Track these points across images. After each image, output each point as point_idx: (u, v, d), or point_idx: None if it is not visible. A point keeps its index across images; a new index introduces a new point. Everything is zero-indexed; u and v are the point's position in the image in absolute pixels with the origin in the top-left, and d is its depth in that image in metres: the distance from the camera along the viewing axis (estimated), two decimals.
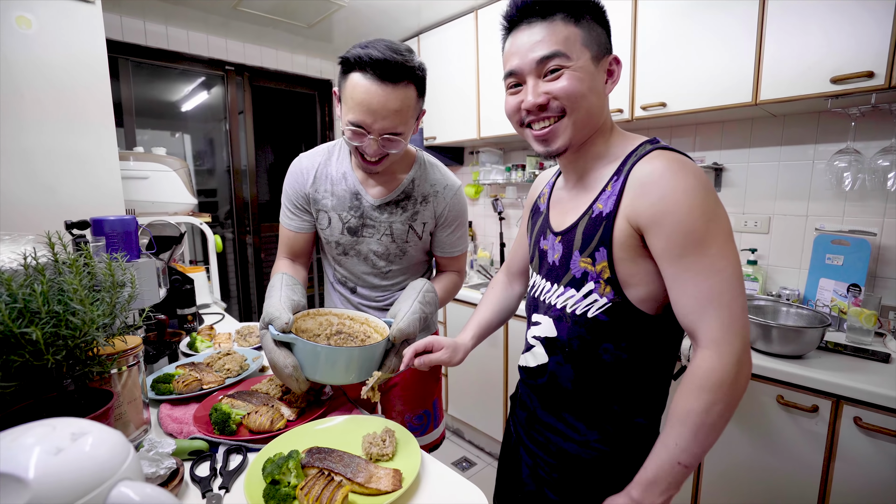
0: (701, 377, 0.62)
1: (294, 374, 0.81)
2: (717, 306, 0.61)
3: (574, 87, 0.67)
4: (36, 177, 1.20)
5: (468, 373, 2.31)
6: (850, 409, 1.13)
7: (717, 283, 0.61)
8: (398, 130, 0.92)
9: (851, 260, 1.50)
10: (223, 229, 3.27)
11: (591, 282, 0.71)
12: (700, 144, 1.90)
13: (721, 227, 0.62)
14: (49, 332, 0.56)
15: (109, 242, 1.07)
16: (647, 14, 1.65)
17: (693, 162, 0.66)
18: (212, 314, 1.68)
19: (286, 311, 0.85)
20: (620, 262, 0.68)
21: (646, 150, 0.68)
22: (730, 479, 1.34)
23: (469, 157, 2.91)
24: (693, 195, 0.61)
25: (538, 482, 0.82)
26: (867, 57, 1.23)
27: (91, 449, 0.38)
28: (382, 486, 0.65)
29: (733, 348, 0.61)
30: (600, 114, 0.72)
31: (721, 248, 0.62)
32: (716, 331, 0.61)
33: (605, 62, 0.70)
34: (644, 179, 0.65)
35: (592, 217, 0.71)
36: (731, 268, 0.62)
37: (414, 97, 0.92)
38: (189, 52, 2.67)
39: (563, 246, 0.75)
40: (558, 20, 0.67)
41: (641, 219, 0.64)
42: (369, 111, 0.88)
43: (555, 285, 0.77)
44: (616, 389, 0.74)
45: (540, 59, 0.68)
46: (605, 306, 0.70)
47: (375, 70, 0.86)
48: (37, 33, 1.15)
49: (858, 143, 1.49)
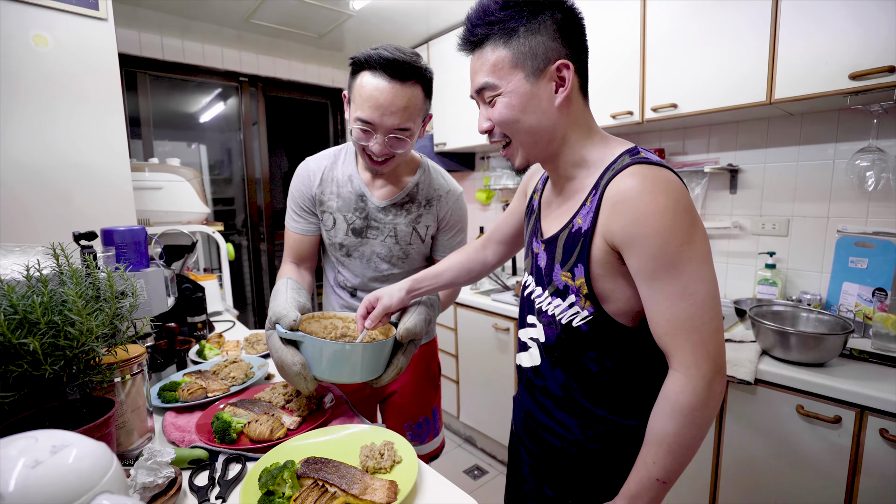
0: (672, 400, 0.63)
1: (302, 371, 0.81)
2: (689, 330, 0.61)
3: (504, 116, 0.68)
4: (49, 189, 1.24)
5: (479, 380, 2.29)
6: (876, 420, 1.08)
7: (689, 306, 0.61)
8: (405, 126, 0.94)
9: (876, 263, 1.44)
10: (239, 237, 3.33)
11: (572, 294, 0.71)
12: (714, 146, 1.85)
13: (696, 248, 0.61)
14: (47, 342, 0.57)
15: (119, 252, 1.09)
16: (655, 13, 1.62)
17: (673, 176, 0.63)
18: (223, 321, 1.70)
19: (293, 310, 0.86)
20: (598, 279, 0.68)
21: (624, 162, 0.65)
22: (748, 492, 1.29)
23: (480, 163, 2.91)
24: (665, 217, 0.60)
25: (538, 480, 0.83)
26: (887, 51, 1.18)
27: (72, 461, 0.38)
28: (377, 499, 0.64)
29: (702, 372, 0.62)
30: (551, 130, 0.69)
31: (695, 270, 0.61)
32: (687, 354, 0.62)
33: (548, 73, 0.66)
34: (617, 199, 0.63)
35: (572, 231, 0.70)
36: (703, 291, 0.61)
37: (421, 97, 0.95)
38: (205, 64, 2.74)
39: (546, 255, 0.76)
40: (486, 48, 0.67)
41: (616, 238, 0.64)
42: (377, 107, 0.90)
43: (544, 292, 0.77)
44: (603, 395, 0.74)
45: (476, 91, 0.71)
46: (587, 318, 0.70)
47: (385, 68, 0.89)
48: (52, 50, 1.20)
49: (882, 142, 1.43)
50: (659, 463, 0.64)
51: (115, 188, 1.33)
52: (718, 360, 0.62)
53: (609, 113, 1.79)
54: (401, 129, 0.94)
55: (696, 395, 0.62)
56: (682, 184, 0.63)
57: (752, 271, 1.79)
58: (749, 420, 1.27)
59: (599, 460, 0.76)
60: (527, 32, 0.65)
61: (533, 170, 0.93)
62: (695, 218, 0.62)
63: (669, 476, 0.65)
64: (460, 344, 2.37)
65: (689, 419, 0.62)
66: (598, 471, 0.76)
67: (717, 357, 0.62)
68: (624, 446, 0.74)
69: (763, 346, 1.31)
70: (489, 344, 2.17)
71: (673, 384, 0.64)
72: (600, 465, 0.76)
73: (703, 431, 0.64)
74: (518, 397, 0.92)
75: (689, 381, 0.62)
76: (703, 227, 0.63)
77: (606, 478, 0.75)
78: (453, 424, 2.59)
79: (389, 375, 0.89)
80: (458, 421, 2.49)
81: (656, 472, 0.65)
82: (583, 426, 0.76)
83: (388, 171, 1.03)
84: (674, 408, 0.63)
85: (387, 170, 1.01)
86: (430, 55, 2.64)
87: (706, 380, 0.61)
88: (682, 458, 0.64)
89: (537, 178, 0.89)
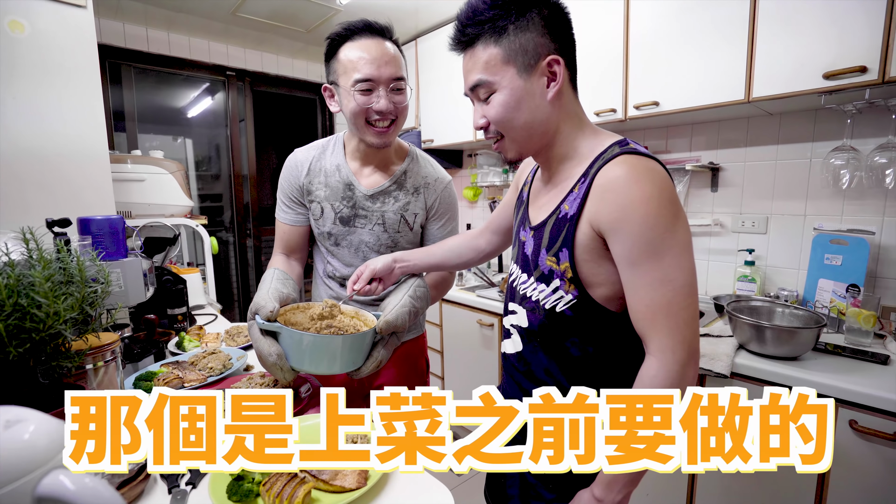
0: (646, 384, 0.65)
1: (278, 362, 0.81)
2: (666, 315, 0.63)
3: (499, 112, 0.70)
4: (25, 178, 1.22)
5: (464, 375, 2.29)
6: (846, 412, 1.10)
7: (668, 292, 0.63)
8: (400, 76, 0.99)
9: (850, 260, 1.47)
10: (227, 234, 3.30)
11: (556, 279, 0.72)
12: (696, 144, 1.88)
13: (677, 237, 0.63)
14: (12, 324, 0.57)
15: (96, 241, 1.08)
16: (638, 13, 1.64)
17: (660, 166, 0.66)
18: (205, 315, 1.69)
19: (272, 301, 0.86)
20: (583, 263, 0.69)
21: (613, 152, 0.67)
22: (725, 482, 1.31)
23: (467, 160, 2.92)
24: (650, 205, 0.62)
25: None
26: (860, 51, 1.20)
27: (27, 437, 0.38)
28: (347, 484, 0.64)
29: (677, 357, 0.63)
30: (545, 123, 0.72)
31: (676, 258, 0.63)
32: (663, 339, 0.64)
33: (539, 68, 0.68)
34: (606, 186, 0.65)
35: (559, 217, 0.72)
36: (682, 279, 0.63)
37: (401, 56, 1.01)
38: (191, 57, 2.72)
39: (534, 241, 0.77)
40: (478, 47, 0.69)
41: (602, 224, 0.65)
42: (372, 61, 0.95)
43: (530, 278, 0.78)
44: (584, 379, 0.74)
45: (470, 89, 0.73)
46: (571, 303, 0.72)
47: (365, 30, 0.97)
48: (29, 37, 1.18)
49: (855, 141, 1.46)
50: None
51: (94, 179, 1.31)
52: (692, 345, 0.64)
53: (593, 111, 1.80)
54: (398, 79, 0.98)
55: (670, 379, 0.63)
56: (667, 175, 0.66)
57: (732, 268, 1.82)
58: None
59: None
60: (516, 30, 0.67)
61: (524, 163, 0.94)
62: (678, 208, 0.64)
63: None
64: (445, 340, 2.37)
65: None
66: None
67: (691, 343, 0.64)
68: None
69: (739, 340, 1.33)
70: (474, 339, 2.17)
71: (648, 368, 0.65)
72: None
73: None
74: (503, 385, 0.92)
75: (664, 365, 0.64)
76: (685, 218, 0.65)
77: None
78: None
79: (369, 367, 0.89)
80: None
81: None
82: None
83: (392, 141, 1.05)
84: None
85: (391, 138, 1.03)
86: (419, 52, 2.65)
87: (680, 364, 0.63)
88: None
89: (528, 171, 0.91)
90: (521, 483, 0.83)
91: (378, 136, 1.01)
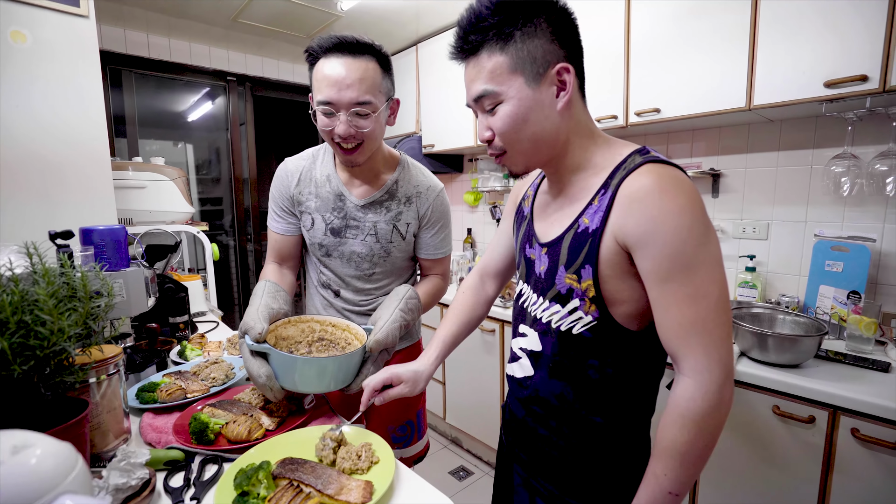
0: (683, 408, 0.61)
1: (268, 383, 0.82)
2: (700, 333, 0.60)
3: (506, 124, 0.66)
4: (26, 187, 1.22)
5: (466, 382, 2.29)
6: (847, 420, 1.10)
7: (702, 309, 0.59)
8: (364, 100, 0.93)
9: (851, 266, 1.47)
10: (227, 237, 3.31)
11: (576, 298, 0.68)
12: (697, 150, 1.88)
13: (710, 251, 0.60)
14: (16, 342, 0.57)
15: (98, 252, 1.08)
16: (640, 21, 1.65)
17: (685, 176, 0.63)
18: (207, 322, 1.69)
19: (261, 321, 0.86)
20: (607, 280, 0.65)
21: (636, 162, 0.64)
22: (726, 491, 1.31)
23: (468, 165, 2.92)
24: (683, 217, 0.58)
25: (531, 492, 0.81)
26: (860, 60, 1.21)
27: (34, 462, 0.38)
28: (352, 499, 0.64)
29: (714, 377, 0.60)
30: (554, 134, 0.68)
31: (709, 272, 0.60)
32: (698, 359, 0.60)
33: (548, 77, 0.65)
34: (633, 196, 0.61)
35: (578, 232, 0.67)
36: (717, 293, 0.60)
37: (377, 70, 0.95)
38: (191, 63, 2.72)
39: (548, 259, 0.73)
40: (482, 55, 0.65)
41: (629, 238, 0.62)
42: (334, 84, 0.92)
43: (541, 298, 0.74)
44: (600, 403, 0.72)
45: (474, 99, 0.68)
46: (590, 324, 0.68)
47: (336, 49, 0.93)
48: (31, 47, 1.18)
49: (856, 148, 1.46)
50: (671, 475, 0.62)
51: (96, 187, 1.31)
52: (728, 365, 0.60)
53: (594, 117, 1.80)
54: (361, 104, 0.93)
55: (707, 401, 0.59)
56: (694, 185, 0.62)
57: (733, 274, 1.82)
58: (728, 420, 1.29)
59: (595, 470, 0.74)
60: (523, 36, 0.63)
61: (520, 184, 0.90)
62: (709, 220, 0.61)
63: (682, 488, 0.63)
64: None
65: (701, 428, 0.60)
66: (594, 481, 0.74)
67: (727, 362, 0.60)
68: (620, 454, 0.73)
69: (741, 347, 1.34)
70: (475, 346, 2.17)
71: (683, 391, 0.61)
72: (596, 475, 0.74)
73: (715, 439, 0.62)
74: (509, 407, 0.89)
75: (700, 387, 0.60)
76: (714, 230, 0.62)
77: (602, 489, 0.74)
78: (440, 426, 2.59)
79: (358, 384, 0.89)
80: (444, 422, 2.49)
81: (668, 485, 0.62)
82: (579, 435, 0.73)
83: (362, 161, 1.00)
84: (685, 416, 0.61)
85: (361, 158, 0.99)
86: (420, 57, 2.65)
87: (717, 385, 0.59)
88: (695, 469, 0.62)
89: (527, 185, 0.87)
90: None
91: (345, 157, 0.99)
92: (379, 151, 1.06)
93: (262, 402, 0.93)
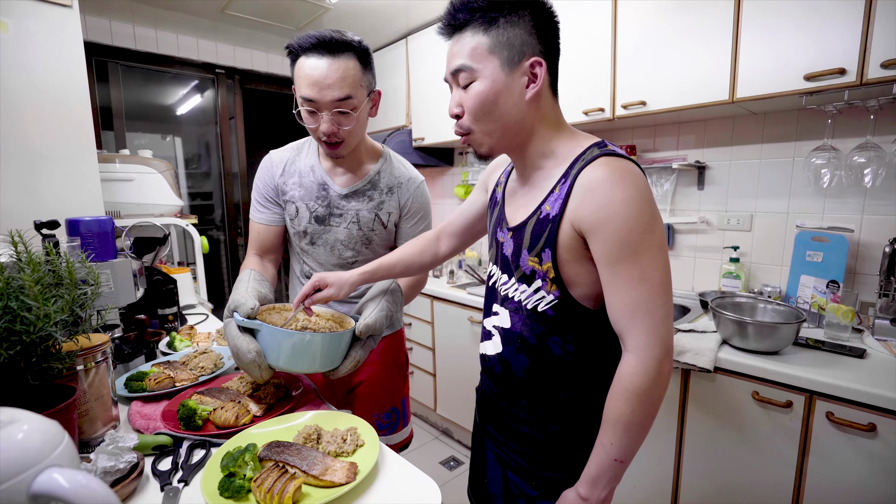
0: (627, 381, 0.67)
1: (257, 359, 0.81)
2: (643, 313, 0.65)
3: (476, 103, 0.70)
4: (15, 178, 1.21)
5: (456, 373, 2.31)
6: (823, 405, 1.14)
7: (645, 291, 0.65)
8: (345, 96, 0.95)
9: (830, 256, 1.51)
10: (218, 232, 3.29)
11: (538, 279, 0.74)
12: (683, 143, 1.91)
13: (655, 238, 0.65)
14: (2, 327, 0.57)
15: (85, 242, 1.08)
16: (626, 15, 1.66)
17: (638, 168, 0.68)
18: (196, 314, 1.69)
19: (252, 298, 0.87)
20: (565, 264, 0.70)
21: (593, 154, 0.69)
22: (707, 474, 1.35)
23: (458, 158, 2.93)
24: (632, 206, 0.64)
25: (503, 465, 0.86)
26: (839, 54, 1.23)
27: (20, 437, 0.39)
28: (337, 479, 0.65)
29: (653, 353, 0.65)
30: (520, 122, 0.72)
31: (653, 258, 0.65)
32: (641, 337, 0.66)
33: (522, 67, 0.69)
34: (588, 186, 0.66)
35: (540, 218, 0.72)
36: (659, 277, 0.65)
37: (357, 67, 0.97)
38: (179, 55, 2.70)
39: (514, 242, 0.78)
40: (467, 33, 0.70)
41: (584, 224, 0.67)
42: (315, 83, 0.93)
43: (511, 279, 0.79)
44: (564, 378, 0.77)
45: (451, 73, 0.73)
46: (552, 302, 0.73)
47: (316, 48, 0.93)
48: (13, 37, 1.17)
49: (835, 141, 1.49)
50: (616, 444, 0.68)
51: (83, 179, 1.31)
52: (668, 342, 0.66)
53: (582, 110, 1.82)
54: (342, 101, 0.95)
55: (647, 375, 0.65)
56: (644, 176, 0.67)
57: (717, 265, 1.86)
58: (709, 406, 1.33)
59: (561, 442, 0.79)
60: (506, 23, 0.68)
61: (494, 164, 0.95)
62: (655, 209, 0.66)
63: (626, 455, 0.69)
64: (437, 337, 2.39)
65: (643, 399, 0.66)
66: (560, 453, 0.79)
67: (666, 339, 0.66)
68: (584, 428, 0.78)
69: (723, 335, 1.37)
70: (465, 337, 2.19)
71: (626, 366, 0.67)
72: (562, 447, 0.79)
73: (655, 410, 0.68)
74: (481, 386, 0.94)
75: (642, 362, 0.66)
76: (661, 218, 0.67)
77: (568, 459, 0.79)
78: (430, 417, 2.61)
79: (346, 367, 0.90)
80: (435, 413, 2.51)
81: (614, 453, 0.68)
82: (546, 409, 0.78)
83: (346, 155, 1.04)
84: (628, 389, 0.66)
85: (345, 152, 1.03)
86: (409, 50, 2.65)
87: (657, 360, 0.65)
88: (638, 438, 0.68)
89: (499, 172, 0.91)
90: (503, 480, 0.85)
91: (330, 151, 1.03)
92: (362, 143, 1.09)
93: (251, 389, 0.94)
